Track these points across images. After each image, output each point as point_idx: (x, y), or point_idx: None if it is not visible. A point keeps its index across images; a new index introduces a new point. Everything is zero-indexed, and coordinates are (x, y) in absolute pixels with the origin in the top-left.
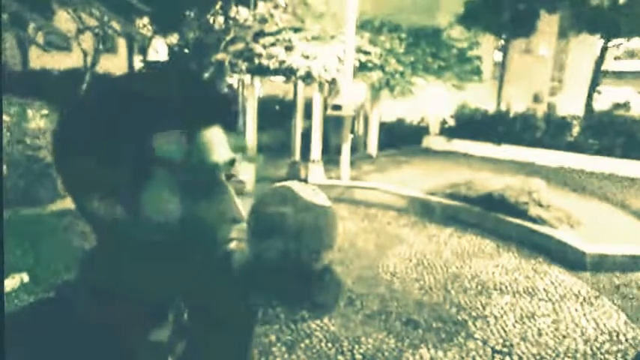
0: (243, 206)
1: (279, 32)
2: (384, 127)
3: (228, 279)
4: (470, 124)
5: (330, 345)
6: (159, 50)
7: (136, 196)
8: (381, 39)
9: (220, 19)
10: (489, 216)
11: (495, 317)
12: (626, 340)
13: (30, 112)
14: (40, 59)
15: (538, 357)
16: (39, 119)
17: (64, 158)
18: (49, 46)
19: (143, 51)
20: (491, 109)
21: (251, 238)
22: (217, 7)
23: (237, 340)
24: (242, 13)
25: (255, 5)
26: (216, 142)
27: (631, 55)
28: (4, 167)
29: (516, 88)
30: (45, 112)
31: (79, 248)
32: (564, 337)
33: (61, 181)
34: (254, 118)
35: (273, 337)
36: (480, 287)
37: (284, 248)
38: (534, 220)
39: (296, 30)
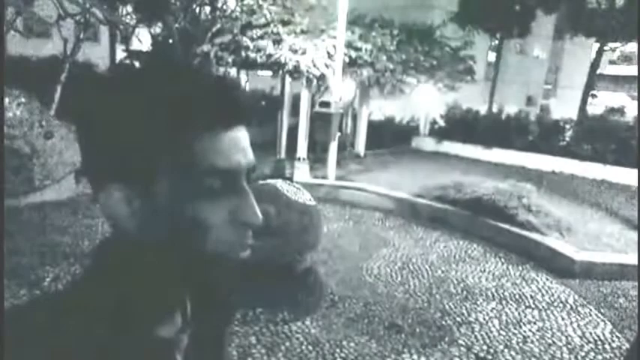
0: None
1: (267, 25)
2: (373, 126)
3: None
4: (461, 126)
5: (310, 348)
6: (142, 40)
7: (157, 194)
8: (372, 35)
9: (207, 9)
10: (478, 220)
11: (480, 323)
12: (611, 349)
13: (6, 101)
14: (17, 45)
15: None
16: (15, 108)
17: (90, 139)
18: (28, 33)
19: (126, 40)
20: (483, 110)
21: None
22: None
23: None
24: (229, 4)
25: None
26: (241, 143)
27: (627, 59)
28: None
29: (509, 90)
30: (22, 100)
31: (55, 242)
32: (549, 345)
33: (83, 163)
34: None
35: (252, 339)
36: (465, 292)
37: (267, 247)
38: (523, 226)
39: (285, 23)
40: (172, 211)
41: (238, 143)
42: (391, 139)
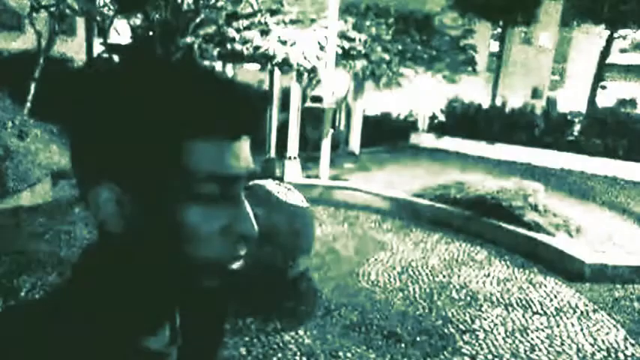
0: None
1: (254, 14)
2: (369, 122)
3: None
4: (462, 120)
5: (304, 359)
6: (121, 32)
7: (149, 196)
8: (367, 24)
9: None
10: (481, 221)
11: (485, 331)
12: (625, 357)
13: None
14: None
15: None
16: None
17: (82, 137)
18: None
19: (103, 32)
20: (486, 103)
21: None
22: None
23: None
24: None
25: None
26: (244, 152)
27: (639, 47)
28: None
29: (513, 82)
30: None
31: (31, 249)
32: (559, 353)
33: (72, 160)
34: None
35: (243, 350)
36: (469, 298)
37: (257, 252)
38: (530, 227)
39: (273, 12)
40: (163, 216)
41: (241, 152)
42: (388, 135)
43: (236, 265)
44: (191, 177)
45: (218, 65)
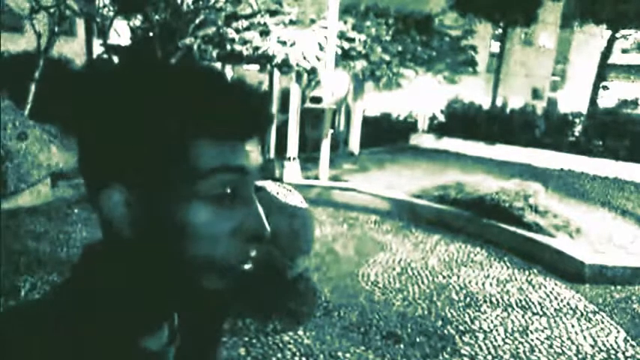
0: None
1: (253, 15)
2: (368, 123)
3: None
4: (462, 121)
5: (304, 359)
6: (121, 33)
7: (160, 198)
8: (367, 25)
9: None
10: (481, 222)
11: (485, 332)
12: (625, 358)
13: None
14: None
15: None
16: None
17: (93, 138)
18: None
19: (103, 33)
20: (486, 104)
21: None
22: None
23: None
24: None
25: None
26: (252, 151)
27: None
28: None
29: (514, 82)
30: None
31: (31, 250)
32: (559, 354)
33: (80, 161)
34: None
35: (242, 351)
36: (468, 299)
37: (256, 253)
38: (530, 228)
39: (272, 13)
40: (172, 217)
41: (251, 152)
42: (387, 135)
43: (245, 267)
44: (201, 175)
45: (217, 66)
